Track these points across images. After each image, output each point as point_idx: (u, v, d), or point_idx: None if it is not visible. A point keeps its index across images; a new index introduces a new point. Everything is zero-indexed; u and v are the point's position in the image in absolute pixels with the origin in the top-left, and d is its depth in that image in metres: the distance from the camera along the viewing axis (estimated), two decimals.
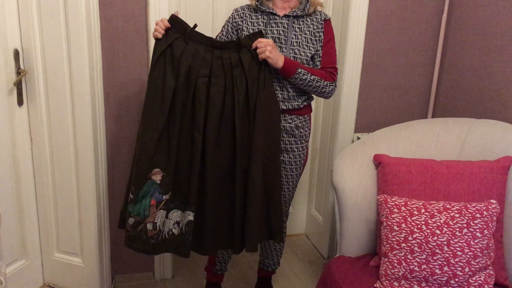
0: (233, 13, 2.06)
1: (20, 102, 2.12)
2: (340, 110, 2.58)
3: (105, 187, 2.29)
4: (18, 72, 2.07)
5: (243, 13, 2.03)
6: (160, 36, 1.83)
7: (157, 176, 1.86)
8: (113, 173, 2.34)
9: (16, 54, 2.06)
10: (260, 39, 1.86)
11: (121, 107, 2.29)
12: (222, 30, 2.06)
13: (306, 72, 1.92)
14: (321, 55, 2.01)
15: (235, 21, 2.03)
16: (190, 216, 1.90)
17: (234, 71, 1.86)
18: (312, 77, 1.93)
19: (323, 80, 1.96)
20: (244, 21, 2.01)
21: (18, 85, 2.09)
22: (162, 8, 2.18)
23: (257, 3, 2.00)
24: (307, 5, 1.98)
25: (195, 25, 1.88)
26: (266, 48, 1.83)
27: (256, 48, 1.85)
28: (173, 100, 1.84)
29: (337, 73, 2.04)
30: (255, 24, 1.99)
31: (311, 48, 1.98)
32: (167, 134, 1.87)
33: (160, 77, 1.84)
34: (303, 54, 1.97)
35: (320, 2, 2.03)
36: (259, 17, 2.00)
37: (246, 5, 2.05)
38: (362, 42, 2.51)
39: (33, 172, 2.24)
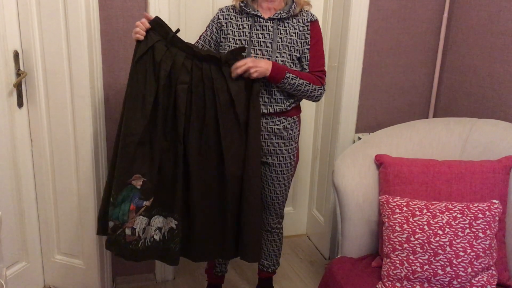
0: (217, 13, 2.02)
1: (20, 104, 2.11)
2: (341, 110, 2.58)
3: None
4: (18, 73, 2.07)
5: (228, 14, 2.00)
6: (141, 38, 1.81)
7: (137, 182, 1.85)
8: None
9: (16, 55, 2.05)
10: (238, 65, 1.82)
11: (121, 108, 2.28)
12: (206, 29, 2.03)
13: (295, 76, 1.91)
14: (308, 58, 1.98)
15: (219, 22, 2.00)
16: (172, 224, 1.89)
17: (215, 83, 1.85)
18: (301, 81, 1.92)
19: (311, 84, 1.94)
20: (228, 24, 1.98)
21: (18, 86, 2.08)
22: (162, 9, 2.17)
23: (241, 4, 1.96)
24: (293, 6, 1.94)
25: (178, 30, 1.86)
26: (249, 70, 1.82)
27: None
28: (154, 105, 1.84)
29: (325, 76, 2.01)
30: (240, 27, 1.96)
31: (297, 50, 1.96)
32: (150, 140, 1.86)
33: (141, 81, 1.83)
34: (289, 57, 1.95)
35: (307, 2, 1.99)
36: (244, 19, 1.97)
37: (231, 5, 2.02)
38: (362, 42, 2.50)
39: (33, 173, 2.23)
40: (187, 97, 1.84)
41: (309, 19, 1.97)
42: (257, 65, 1.84)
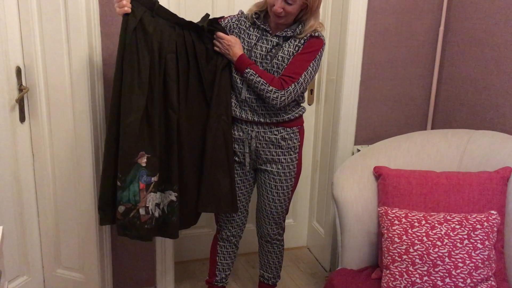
0: (238, 15, 2.06)
1: (22, 119, 2.13)
2: (340, 123, 2.60)
3: None
4: (20, 89, 2.09)
5: (244, 22, 2.03)
6: (129, 10, 1.78)
7: (142, 159, 1.86)
8: None
9: (18, 71, 2.08)
10: (224, 37, 1.95)
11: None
12: (225, 18, 2.07)
13: (254, 73, 1.94)
14: (288, 63, 1.97)
15: (234, 23, 2.04)
16: (172, 196, 1.93)
17: (196, 48, 1.94)
18: (258, 79, 1.93)
19: (268, 84, 1.92)
20: (240, 31, 2.03)
21: (20, 102, 2.10)
22: None
23: (254, 16, 2.01)
24: (300, 26, 1.96)
25: None
26: (227, 50, 1.96)
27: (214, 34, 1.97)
28: (149, 78, 1.85)
29: (292, 83, 1.92)
30: (248, 37, 2.01)
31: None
32: (148, 114, 1.87)
33: (134, 55, 1.82)
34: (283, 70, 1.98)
35: (315, 28, 1.96)
36: (253, 30, 2.01)
37: (246, 14, 2.06)
38: (360, 55, 2.53)
39: (35, 188, 2.24)
40: (176, 65, 1.91)
41: (309, 35, 1.96)
42: (231, 49, 1.96)
